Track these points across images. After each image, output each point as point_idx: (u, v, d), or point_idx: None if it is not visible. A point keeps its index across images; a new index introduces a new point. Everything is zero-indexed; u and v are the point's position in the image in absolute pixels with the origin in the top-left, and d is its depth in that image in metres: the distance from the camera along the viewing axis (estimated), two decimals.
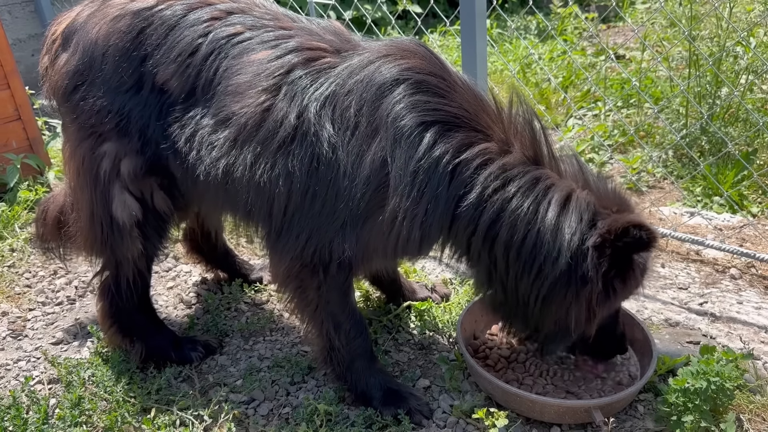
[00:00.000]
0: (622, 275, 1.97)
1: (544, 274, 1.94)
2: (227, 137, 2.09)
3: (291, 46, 2.10)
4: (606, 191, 2.03)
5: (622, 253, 1.91)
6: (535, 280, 1.96)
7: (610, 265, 1.92)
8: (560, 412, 2.16)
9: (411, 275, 3.14)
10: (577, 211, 1.91)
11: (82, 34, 2.28)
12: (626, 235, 1.86)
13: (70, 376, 2.45)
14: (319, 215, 2.06)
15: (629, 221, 1.87)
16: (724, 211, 3.54)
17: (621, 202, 2.02)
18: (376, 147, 1.96)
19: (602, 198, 1.99)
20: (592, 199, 1.96)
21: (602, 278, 1.92)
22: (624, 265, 1.96)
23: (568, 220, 1.90)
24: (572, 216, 1.90)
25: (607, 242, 1.88)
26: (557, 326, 2.05)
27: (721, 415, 2.14)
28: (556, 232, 1.90)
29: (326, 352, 2.35)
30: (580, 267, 1.91)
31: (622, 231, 1.86)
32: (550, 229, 1.90)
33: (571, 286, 1.93)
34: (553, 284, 1.94)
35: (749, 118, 3.97)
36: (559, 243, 1.90)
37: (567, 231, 1.89)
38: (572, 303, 1.96)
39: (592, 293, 1.94)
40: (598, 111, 4.94)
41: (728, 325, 2.65)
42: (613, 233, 1.87)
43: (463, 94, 2.01)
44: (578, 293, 1.94)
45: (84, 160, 2.35)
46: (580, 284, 1.92)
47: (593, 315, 1.99)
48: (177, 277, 3.28)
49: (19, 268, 3.37)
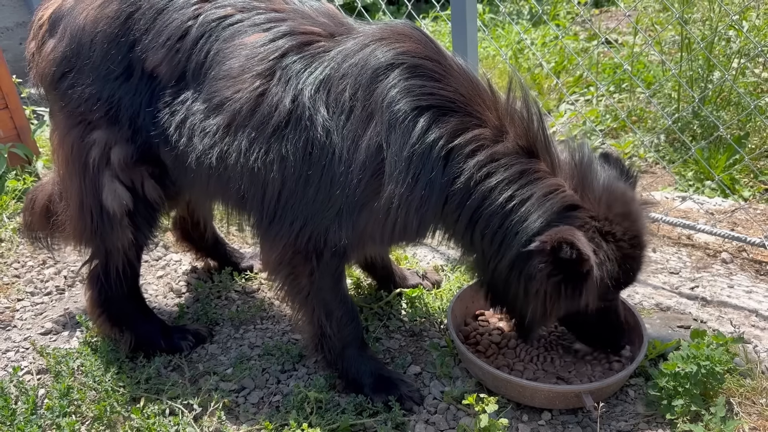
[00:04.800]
0: (572, 283, 1.94)
1: (503, 262, 1.98)
2: (220, 123, 2.07)
3: (284, 30, 2.08)
4: (603, 192, 1.97)
5: (568, 263, 1.88)
6: (498, 266, 2.01)
7: (555, 270, 1.91)
8: (551, 398, 2.16)
9: (402, 262, 3.13)
10: (545, 212, 1.91)
11: (69, 19, 2.24)
12: (560, 250, 1.85)
13: (59, 366, 2.44)
14: (314, 202, 2.04)
15: (563, 237, 1.84)
16: (715, 195, 3.54)
17: (614, 206, 1.97)
18: (371, 132, 1.94)
19: (593, 200, 1.95)
20: (573, 200, 1.94)
21: (547, 279, 1.93)
22: (574, 274, 1.91)
23: (532, 217, 1.91)
24: (538, 215, 1.91)
25: (545, 251, 1.88)
26: (521, 312, 2.09)
27: (712, 399, 2.14)
28: (518, 227, 1.92)
29: (317, 340, 2.34)
30: (527, 264, 1.93)
31: (557, 245, 1.85)
32: (516, 222, 1.92)
33: (521, 279, 1.97)
34: (508, 274, 1.99)
35: (741, 101, 3.97)
36: (516, 238, 1.93)
37: (526, 228, 1.91)
38: (526, 295, 2.00)
39: (539, 290, 1.96)
40: (590, 96, 4.93)
41: (719, 309, 2.66)
42: (550, 244, 1.86)
43: (459, 78, 1.99)
44: (528, 287, 1.97)
45: (73, 148, 2.32)
46: (528, 279, 1.96)
47: (546, 309, 2.01)
48: (167, 266, 3.26)
49: (7, 258, 3.35)
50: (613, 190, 2.00)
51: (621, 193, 2.02)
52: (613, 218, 1.96)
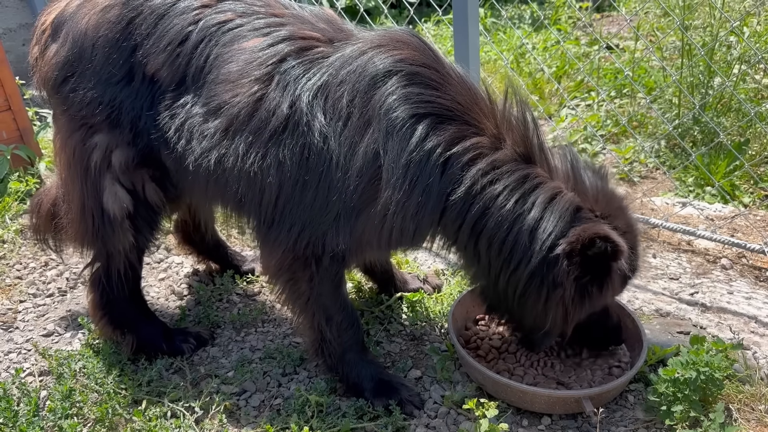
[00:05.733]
0: (598, 281, 1.97)
1: (519, 272, 1.97)
2: (218, 127, 2.08)
3: (283, 35, 2.09)
4: (596, 191, 2.01)
5: (592, 261, 1.91)
6: (511, 277, 2.00)
7: (582, 272, 1.93)
8: (551, 403, 2.17)
9: (403, 266, 3.14)
10: (557, 215, 1.92)
11: (71, 24, 2.25)
12: (592, 246, 1.87)
13: (60, 368, 2.45)
14: (312, 207, 2.05)
15: (595, 232, 1.87)
16: (715, 201, 3.54)
17: (610, 203, 2.01)
18: (369, 139, 1.95)
19: (590, 199, 1.98)
20: (577, 201, 1.96)
21: (574, 283, 1.94)
22: (600, 271, 1.95)
23: (546, 223, 1.91)
24: (551, 219, 1.91)
25: (574, 251, 1.89)
26: (536, 322, 2.08)
27: (711, 405, 2.15)
28: (533, 234, 1.92)
29: (318, 344, 2.35)
30: (551, 271, 1.93)
31: (588, 242, 1.87)
32: (528, 230, 1.92)
33: (543, 287, 1.96)
34: (527, 283, 1.98)
35: (741, 108, 3.97)
36: (533, 245, 1.93)
37: (542, 234, 1.91)
38: (546, 303, 1.99)
39: (564, 296, 1.96)
40: (591, 101, 4.93)
41: (718, 315, 2.66)
42: (580, 243, 1.88)
43: (457, 86, 2.00)
44: (550, 295, 1.97)
45: (75, 151, 2.33)
46: (551, 287, 1.95)
47: (569, 316, 2.01)
48: (168, 269, 3.27)
49: (9, 259, 3.36)
50: (602, 189, 2.04)
51: (610, 190, 2.08)
52: (612, 214, 2.00)
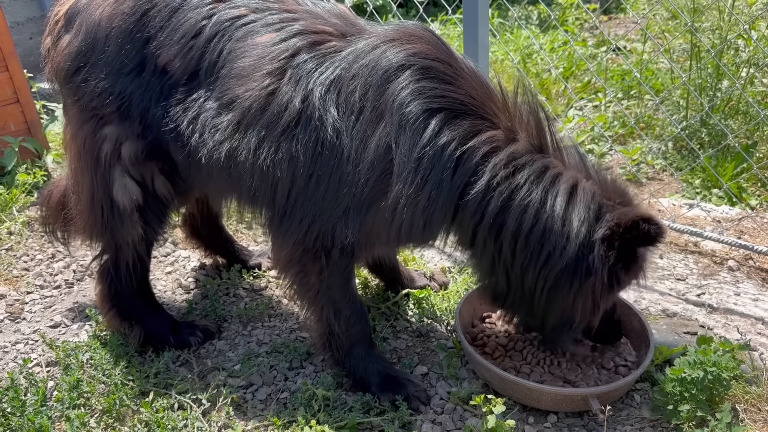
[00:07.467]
0: (626, 267, 1.98)
1: (551, 263, 1.94)
2: (231, 120, 2.08)
3: (296, 30, 2.09)
4: (607, 182, 2.04)
5: (629, 245, 1.92)
6: (542, 270, 1.97)
7: (617, 258, 1.93)
8: (557, 400, 2.17)
9: (410, 263, 3.14)
10: (585, 202, 1.91)
11: (85, 15, 2.26)
12: (635, 229, 1.86)
13: (68, 359, 2.45)
14: (323, 200, 2.06)
15: (639, 215, 1.87)
16: (723, 203, 3.54)
17: (622, 193, 2.03)
18: (381, 132, 1.95)
19: (605, 189, 1.99)
20: (597, 189, 1.96)
21: (608, 270, 1.93)
22: (629, 257, 1.96)
23: (576, 210, 1.90)
24: (580, 206, 1.91)
25: (616, 235, 1.89)
26: (563, 317, 2.06)
27: (717, 405, 2.15)
28: (565, 222, 1.90)
29: (325, 338, 2.35)
30: (586, 258, 1.91)
31: (631, 224, 1.86)
32: (558, 218, 1.90)
33: (576, 277, 1.94)
34: (559, 274, 1.95)
35: (750, 110, 3.97)
36: (567, 233, 1.90)
37: (576, 221, 1.90)
38: (577, 294, 1.97)
39: (596, 284, 1.95)
40: (598, 102, 4.93)
41: (725, 316, 2.66)
42: (623, 226, 1.87)
43: (470, 81, 2.00)
44: (583, 284, 1.95)
45: (85, 142, 2.34)
46: (585, 275, 1.93)
47: (597, 306, 2.01)
48: (176, 262, 3.28)
49: (17, 251, 3.37)
50: (612, 181, 2.06)
51: (620, 182, 2.10)
52: (625, 202, 2.00)
